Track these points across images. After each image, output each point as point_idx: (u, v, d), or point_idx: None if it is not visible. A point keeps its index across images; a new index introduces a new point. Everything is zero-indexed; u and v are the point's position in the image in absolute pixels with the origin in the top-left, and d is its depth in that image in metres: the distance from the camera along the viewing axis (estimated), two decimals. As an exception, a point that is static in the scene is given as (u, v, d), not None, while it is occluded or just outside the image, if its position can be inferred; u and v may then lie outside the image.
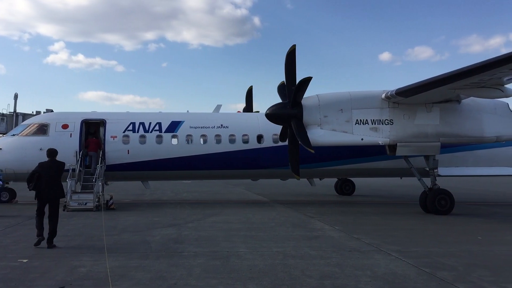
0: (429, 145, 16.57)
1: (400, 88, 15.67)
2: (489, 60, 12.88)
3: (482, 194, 26.23)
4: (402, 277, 8.04)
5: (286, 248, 10.49)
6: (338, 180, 25.10)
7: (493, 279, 7.86)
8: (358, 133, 16.18)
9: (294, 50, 16.18)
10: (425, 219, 15.63)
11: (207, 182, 32.04)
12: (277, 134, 18.52)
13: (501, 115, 16.80)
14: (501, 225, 14.38)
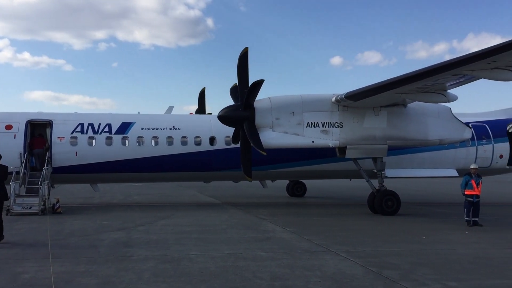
0: (377, 148, 17.06)
1: (349, 92, 16.06)
2: (432, 66, 13.44)
3: (426, 195, 27.28)
4: (350, 276, 8.25)
5: (238, 250, 10.52)
6: (290, 182, 25.40)
7: (435, 277, 8.20)
8: (309, 135, 16.44)
9: (246, 53, 16.27)
10: (372, 219, 16.09)
11: (158, 185, 31.57)
12: (230, 136, 18.52)
13: (444, 119, 17.52)
14: (443, 225, 15.00)
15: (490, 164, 20.99)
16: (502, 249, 10.87)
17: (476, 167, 15.19)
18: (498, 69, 12.92)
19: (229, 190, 28.91)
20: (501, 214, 17.79)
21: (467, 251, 10.67)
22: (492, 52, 11.86)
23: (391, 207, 17.21)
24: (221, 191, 28.45)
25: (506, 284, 7.79)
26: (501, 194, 28.18)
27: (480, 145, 20.80)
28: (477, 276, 8.32)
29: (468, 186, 14.77)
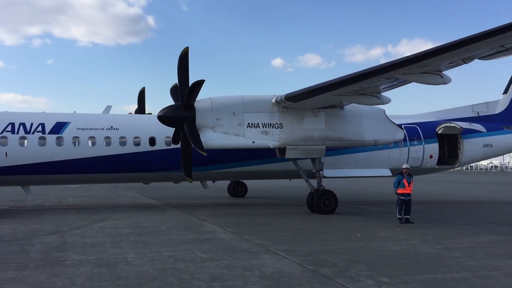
0: (315, 148, 17.45)
1: (289, 94, 16.33)
2: (367, 69, 13.95)
3: (362, 194, 28.26)
4: (288, 275, 8.39)
5: (177, 252, 10.41)
6: (231, 182, 25.47)
7: (368, 273, 8.50)
8: (250, 136, 16.55)
9: (187, 53, 16.13)
10: (311, 218, 16.44)
11: (96, 186, 30.65)
12: (170, 136, 18.30)
13: (378, 121, 18.20)
14: (377, 223, 15.58)
15: (421, 164, 22.02)
16: (432, 245, 11.42)
17: (408, 167, 15.89)
18: (427, 73, 13.60)
19: (169, 191, 28.58)
20: (431, 212, 18.72)
21: (399, 247, 11.14)
22: (421, 57, 12.47)
23: (329, 206, 17.67)
24: (161, 192, 28.07)
25: (434, 278, 8.19)
26: (431, 193, 29.71)
27: (411, 146, 21.77)
28: (408, 271, 8.70)
29: (400, 185, 15.42)
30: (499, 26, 10.58)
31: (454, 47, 11.67)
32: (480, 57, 13.50)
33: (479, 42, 11.18)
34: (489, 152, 23.70)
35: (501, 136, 23.66)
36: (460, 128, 22.32)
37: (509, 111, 24.23)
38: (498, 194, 30.12)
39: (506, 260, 9.64)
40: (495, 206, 21.90)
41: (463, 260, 9.63)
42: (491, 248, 11.08)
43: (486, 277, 8.27)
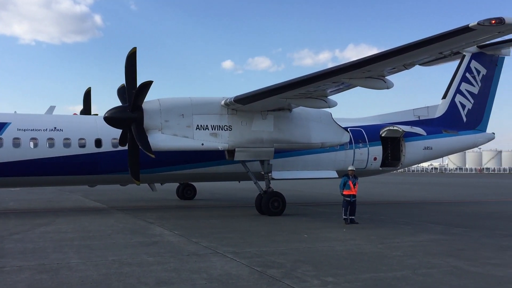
0: (264, 150, 17.62)
1: (238, 96, 16.41)
2: (314, 73, 14.26)
3: (309, 196, 28.78)
4: (235, 277, 8.43)
5: (123, 256, 10.22)
6: (180, 184, 25.25)
7: (315, 273, 8.68)
8: (199, 138, 16.49)
9: (134, 53, 15.88)
10: (259, 220, 16.58)
11: (38, 190, 29.52)
12: (117, 138, 17.92)
13: (325, 124, 18.62)
14: (324, 223, 15.93)
15: (366, 166, 22.70)
16: (375, 245, 11.81)
17: (353, 168, 16.34)
18: (371, 78, 14.09)
19: (116, 194, 27.97)
20: (374, 212, 19.33)
21: (344, 247, 11.44)
22: (365, 63, 12.89)
23: (277, 208, 17.87)
24: (107, 195, 27.42)
25: (377, 277, 8.48)
26: (375, 194, 30.68)
27: (357, 148, 22.40)
28: (352, 270, 8.96)
29: (346, 187, 15.84)
30: (437, 34, 11.11)
31: (396, 53, 12.16)
32: (420, 63, 14.16)
33: (419, 49, 11.71)
34: (429, 154, 24.76)
35: (440, 139, 24.78)
36: (402, 131, 23.19)
37: (448, 115, 25.41)
38: (437, 195, 31.51)
39: (444, 258, 10.11)
40: (434, 206, 22.89)
41: (404, 259, 10.02)
42: (429, 246, 11.59)
43: (425, 274, 8.65)
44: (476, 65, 25.58)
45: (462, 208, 22.08)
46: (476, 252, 10.80)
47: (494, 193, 33.81)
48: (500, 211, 20.87)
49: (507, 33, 10.81)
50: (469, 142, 25.98)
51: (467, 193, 33.39)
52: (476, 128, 25.96)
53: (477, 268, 9.14)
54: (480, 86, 25.86)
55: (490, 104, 26.38)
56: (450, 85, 25.75)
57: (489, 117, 26.47)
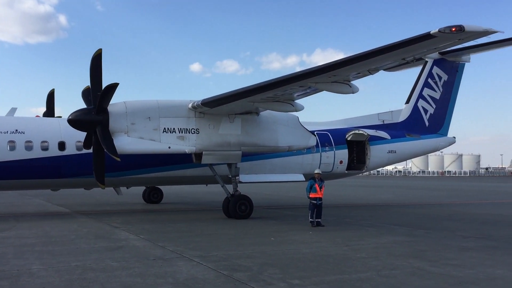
0: (231, 154, 17.62)
1: (205, 99, 16.36)
2: (281, 77, 14.38)
3: (277, 199, 28.94)
4: (202, 281, 8.39)
5: (86, 261, 10.02)
6: (146, 188, 24.95)
7: (281, 276, 8.74)
8: (166, 141, 16.35)
9: (100, 55, 15.65)
10: (226, 223, 16.56)
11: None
12: (81, 141, 17.57)
13: (292, 127, 18.76)
14: (291, 226, 16.05)
15: (332, 169, 22.97)
16: (340, 247, 11.98)
17: (320, 172, 16.54)
18: (337, 82, 14.31)
19: (80, 198, 27.42)
20: (340, 215, 19.59)
21: (310, 250, 11.55)
22: (331, 67, 13.10)
23: (245, 211, 17.89)
24: (71, 199, 26.85)
25: (341, 279, 8.60)
26: (341, 197, 31.11)
27: (323, 152, 22.65)
28: (318, 273, 9.06)
29: (312, 190, 16.00)
30: (400, 41, 11.41)
31: (361, 58, 12.40)
32: (384, 69, 14.48)
33: (383, 54, 11.99)
34: (393, 158, 25.30)
35: (404, 143, 25.35)
36: (367, 135, 23.60)
37: (411, 119, 26.04)
38: (400, 197, 32.21)
39: (407, 259, 10.35)
40: (398, 209, 23.38)
41: (368, 260, 10.20)
42: (393, 248, 11.83)
43: (388, 276, 8.83)
44: (437, 71, 26.32)
45: (424, 210, 22.64)
46: (438, 253, 11.10)
47: (455, 196, 34.80)
48: (460, 212, 21.50)
49: (466, 40, 11.20)
50: (431, 145, 26.70)
51: (430, 196, 34.25)
52: (438, 132, 26.70)
53: (439, 269, 9.39)
54: (441, 92, 26.62)
55: (451, 109, 27.19)
56: (413, 90, 26.41)
57: (450, 121, 27.27)
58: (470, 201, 29.51)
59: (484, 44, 22.12)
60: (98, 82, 15.74)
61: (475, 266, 9.66)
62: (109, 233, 14.26)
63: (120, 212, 20.34)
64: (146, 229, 14.95)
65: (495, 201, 29.29)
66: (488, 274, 8.97)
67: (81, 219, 17.66)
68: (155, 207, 23.25)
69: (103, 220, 17.21)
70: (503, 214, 21.06)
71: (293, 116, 18.82)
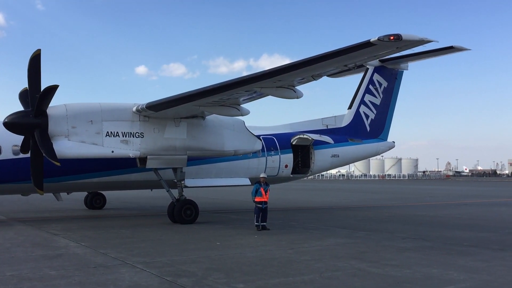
0: (177, 158, 17.43)
1: (150, 102, 16.11)
2: (227, 82, 14.42)
3: (223, 203, 28.91)
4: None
5: (23, 270, 9.58)
6: (88, 193, 24.19)
7: (226, 280, 8.74)
8: (109, 145, 15.95)
9: (39, 55, 15.08)
10: (172, 229, 16.36)
11: None
12: (18, 145, 16.81)
13: (238, 132, 18.82)
14: (237, 230, 16.08)
15: (277, 173, 23.24)
16: (285, 250, 12.13)
17: (265, 176, 16.68)
18: (282, 87, 14.52)
19: (17, 204, 26.20)
20: (285, 218, 19.86)
21: (255, 253, 11.63)
22: (276, 73, 13.27)
23: (190, 215, 17.74)
24: (7, 205, 25.61)
25: (286, 281, 8.71)
26: (286, 200, 31.51)
27: (269, 156, 22.87)
28: (262, 276, 9.13)
29: (257, 194, 16.10)
30: (341, 48, 11.76)
31: (304, 64, 12.64)
32: (328, 75, 14.85)
33: (325, 61, 12.29)
34: (336, 161, 25.95)
35: (346, 147, 26.07)
36: (312, 139, 24.08)
37: (353, 124, 26.83)
38: (344, 200, 33.07)
39: (348, 260, 10.64)
40: (341, 211, 23.99)
41: (312, 263, 10.40)
42: (335, 250, 12.13)
43: (331, 277, 9.04)
44: (378, 78, 27.29)
45: (366, 212, 23.36)
46: (378, 254, 11.49)
47: (395, 198, 36.14)
48: (399, 214, 22.35)
49: (404, 48, 11.69)
50: (372, 150, 27.61)
51: (371, 199, 35.38)
52: (378, 137, 27.67)
53: (378, 269, 9.72)
54: (382, 98, 27.63)
55: (390, 114, 28.26)
56: (355, 96, 27.24)
57: (390, 126, 28.34)
58: (409, 203, 30.76)
59: (421, 53, 23.14)
60: (36, 83, 15.13)
61: (412, 266, 10.07)
62: (47, 240, 13.71)
63: (60, 219, 19.61)
64: (88, 236, 14.50)
65: (431, 203, 30.71)
66: (424, 274, 9.38)
67: (18, 227, 16.87)
68: (98, 213, 22.59)
69: (42, 228, 16.53)
70: (438, 215, 22.09)
71: (239, 120, 18.88)
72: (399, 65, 27.38)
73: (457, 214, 22.62)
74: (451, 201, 32.49)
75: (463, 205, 28.79)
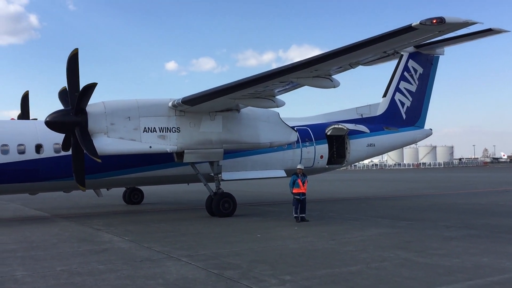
0: (213, 152, 17.50)
1: (186, 97, 16.20)
2: (263, 73, 14.31)
3: (258, 195, 28.93)
4: (192, 281, 8.30)
5: (72, 265, 9.80)
6: (126, 189, 24.60)
7: (272, 273, 8.71)
8: (147, 141, 16.14)
9: (76, 54, 15.33)
10: (211, 222, 16.46)
11: (-29, 199, 27.80)
12: (59, 143, 17.22)
13: (273, 123, 18.73)
14: (275, 222, 16.05)
15: (313, 164, 23.05)
16: (327, 241, 12.03)
17: (302, 167, 16.57)
18: (319, 77, 14.32)
19: (58, 201, 26.88)
20: (323, 209, 19.72)
21: (297, 245, 11.57)
22: (313, 62, 13.08)
23: (228, 208, 17.81)
24: (49, 202, 26.30)
25: (332, 273, 8.63)
26: (322, 191, 31.30)
27: (304, 147, 22.70)
28: (308, 268, 9.07)
29: (295, 185, 16.02)
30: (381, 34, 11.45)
31: (344, 52, 12.41)
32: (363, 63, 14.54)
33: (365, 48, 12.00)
34: (372, 151, 25.54)
35: (382, 136, 25.62)
36: (347, 129, 23.77)
37: (388, 112, 26.34)
38: (380, 190, 32.60)
39: (394, 251, 10.46)
40: (378, 201, 23.66)
41: (356, 253, 10.27)
42: (379, 240, 11.95)
43: (378, 268, 8.90)
44: (413, 64, 26.67)
45: (404, 202, 22.96)
46: (423, 244, 11.25)
47: (432, 187, 35.42)
48: (439, 203, 21.87)
49: (446, 32, 11.32)
50: (408, 138, 27.05)
51: (408, 188, 34.78)
52: (415, 125, 27.08)
53: (426, 259, 9.51)
54: (417, 84, 26.99)
55: (427, 101, 27.59)
56: (390, 84, 26.71)
57: (427, 114, 27.70)
58: (447, 191, 30.10)
59: (458, 37, 22.42)
60: (75, 82, 15.40)
61: (460, 255, 9.82)
62: (92, 235, 14.00)
63: (101, 214, 20.01)
64: (130, 231, 14.74)
65: (471, 191, 29.95)
66: (475, 263, 9.13)
67: (62, 223, 17.30)
68: (136, 208, 22.95)
69: (85, 223, 16.91)
70: (480, 203, 21.52)
71: (274, 112, 18.78)
72: (435, 50, 26.66)
73: (500, 201, 21.99)
74: (491, 189, 31.61)
75: (504, 192, 27.97)
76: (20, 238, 13.69)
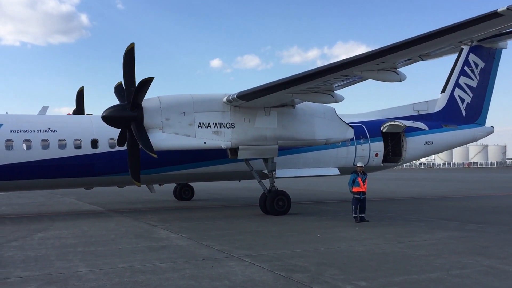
0: (268, 148, 17.03)
1: (241, 92, 15.80)
2: (326, 66, 13.69)
3: (310, 193, 28.26)
4: (260, 283, 7.85)
5: (133, 262, 9.58)
6: (177, 185, 24.55)
7: (344, 277, 8.14)
8: (201, 136, 15.85)
9: (132, 49, 15.21)
10: (265, 220, 16.00)
11: (28, 193, 28.59)
12: (114, 138, 17.23)
13: (329, 120, 18.05)
14: (333, 222, 15.42)
15: (368, 162, 22.18)
16: (395, 244, 11.32)
17: (362, 165, 15.86)
18: (384, 70, 13.56)
19: (111, 196, 27.21)
20: (381, 209, 18.90)
21: (363, 247, 10.92)
22: (381, 53, 12.33)
23: (282, 207, 17.33)
24: (102, 197, 26.65)
25: (410, 279, 7.97)
26: (375, 190, 30.29)
27: (358, 145, 21.89)
28: (382, 273, 8.44)
29: (355, 184, 15.36)
30: (462, 21, 10.56)
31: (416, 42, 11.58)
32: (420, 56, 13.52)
33: (442, 36, 11.10)
34: (430, 149, 24.40)
35: (440, 134, 24.42)
36: (404, 126, 22.76)
37: (447, 109, 25.08)
38: (433, 190, 31.24)
39: (472, 256, 9.66)
40: (436, 202, 22.57)
41: (431, 259, 9.54)
42: (451, 244, 11.14)
43: (461, 275, 8.17)
44: (474, 59, 25.29)
45: (464, 203, 21.78)
46: (503, 249, 10.38)
47: (489, 187, 33.70)
48: (503, 205, 20.60)
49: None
50: (468, 136, 25.68)
51: (462, 188, 33.23)
52: (475, 122, 25.70)
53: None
54: (478, 80, 25.57)
55: (488, 97, 26.11)
56: (449, 79, 25.43)
57: (488, 110, 26.24)
58: (505, 193, 28.44)
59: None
60: (131, 77, 15.29)
61: (550, 264, 8.93)
62: (148, 232, 13.84)
63: (153, 210, 19.98)
64: (185, 227, 14.50)
65: (535, 193, 28.20)
66: None
67: (117, 218, 17.31)
68: (187, 204, 22.82)
69: (139, 218, 16.84)
70: (551, 206, 20.09)
71: (330, 108, 18.14)
72: (498, 43, 25.15)
73: None
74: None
75: None
76: (79, 233, 13.70)
